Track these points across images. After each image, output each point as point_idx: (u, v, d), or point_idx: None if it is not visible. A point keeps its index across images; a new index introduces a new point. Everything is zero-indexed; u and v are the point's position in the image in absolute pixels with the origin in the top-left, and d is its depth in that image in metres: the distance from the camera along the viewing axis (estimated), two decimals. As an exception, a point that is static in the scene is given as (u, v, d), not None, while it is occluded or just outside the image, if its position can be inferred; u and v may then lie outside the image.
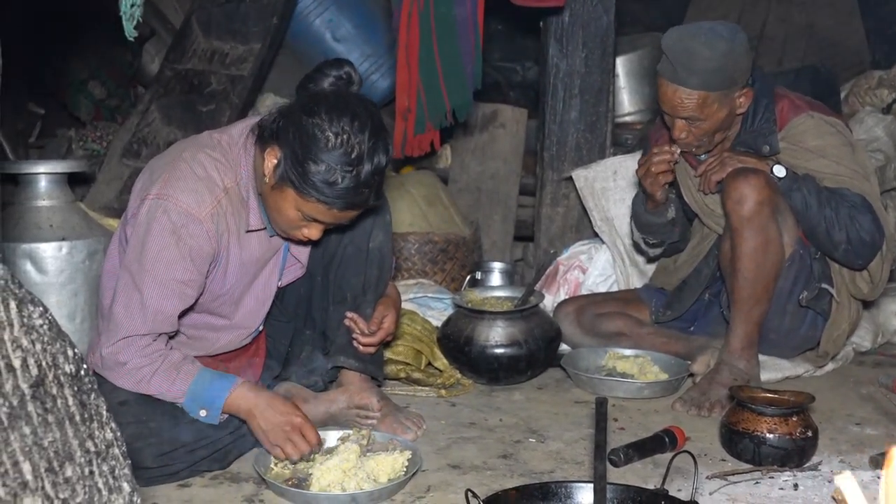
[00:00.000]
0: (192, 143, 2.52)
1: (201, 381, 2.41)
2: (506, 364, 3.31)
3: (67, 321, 3.18)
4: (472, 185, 5.03)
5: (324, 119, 2.28)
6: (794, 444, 2.58)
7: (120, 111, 6.07)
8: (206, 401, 2.41)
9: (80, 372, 1.20)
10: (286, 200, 2.36)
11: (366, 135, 2.29)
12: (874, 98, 5.30)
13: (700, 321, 3.57)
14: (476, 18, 4.00)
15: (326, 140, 2.27)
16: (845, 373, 3.54)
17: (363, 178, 2.29)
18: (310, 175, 2.28)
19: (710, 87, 3.06)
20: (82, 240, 3.24)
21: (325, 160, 2.26)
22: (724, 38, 3.04)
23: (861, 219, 3.12)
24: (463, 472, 2.54)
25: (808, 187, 3.11)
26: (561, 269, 4.08)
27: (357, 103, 2.35)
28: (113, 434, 1.23)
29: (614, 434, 2.84)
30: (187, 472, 2.45)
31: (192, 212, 2.37)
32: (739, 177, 3.07)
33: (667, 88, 3.11)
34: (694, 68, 3.03)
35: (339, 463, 2.33)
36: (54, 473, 1.10)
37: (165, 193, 2.38)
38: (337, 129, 2.27)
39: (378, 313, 2.80)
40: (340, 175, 2.27)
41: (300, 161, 2.28)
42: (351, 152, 2.27)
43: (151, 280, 2.37)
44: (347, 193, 2.30)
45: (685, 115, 3.12)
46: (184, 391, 2.40)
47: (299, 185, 2.30)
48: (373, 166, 2.30)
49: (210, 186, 2.41)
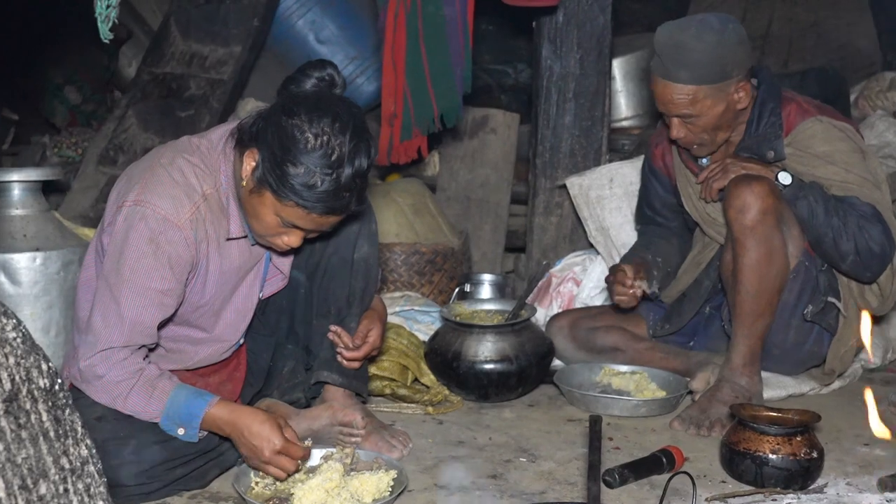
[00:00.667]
0: (171, 149, 2.55)
1: (177, 399, 2.42)
2: (496, 380, 3.33)
3: (42, 334, 3.20)
4: (462, 194, 5.05)
5: (304, 120, 2.31)
6: (798, 465, 2.59)
7: (96, 117, 6.10)
8: (183, 419, 2.42)
9: (55, 387, 1.22)
10: (264, 205, 2.38)
11: (347, 136, 2.31)
12: (885, 101, 5.32)
13: (700, 336, 3.58)
14: (465, 18, 4.03)
15: (306, 141, 2.29)
16: (853, 391, 3.54)
17: (343, 181, 2.31)
18: (288, 178, 2.30)
19: (700, 81, 3.09)
20: (57, 250, 3.26)
21: (305, 162, 2.29)
22: (713, 30, 3.07)
23: (870, 229, 3.12)
24: (450, 493, 2.56)
25: (815, 195, 3.12)
26: (554, 282, 4.09)
27: (339, 104, 2.37)
28: (88, 451, 1.26)
29: (609, 454, 2.86)
30: (165, 491, 2.47)
31: (171, 218, 2.40)
32: (742, 184, 3.08)
33: (657, 85, 3.16)
34: (683, 62, 3.07)
35: (322, 482, 2.35)
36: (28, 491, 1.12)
37: (143, 199, 2.40)
38: (317, 131, 2.30)
39: (363, 327, 2.82)
40: (320, 178, 2.29)
41: (279, 163, 2.31)
42: (331, 154, 2.29)
43: (129, 290, 2.39)
44: (327, 197, 2.32)
45: (679, 113, 3.16)
46: (160, 410, 2.41)
47: (277, 188, 2.32)
48: (354, 169, 2.32)
49: (189, 192, 2.44)
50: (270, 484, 2.47)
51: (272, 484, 2.47)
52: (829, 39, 6.36)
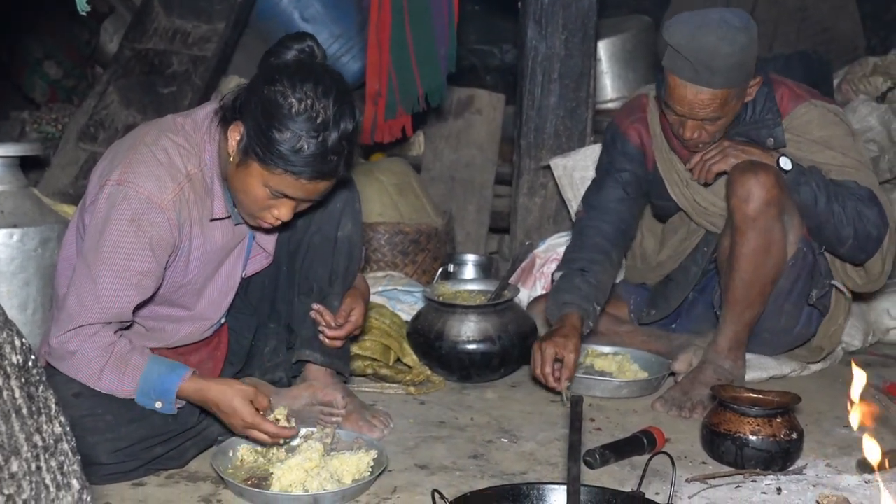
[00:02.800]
0: (155, 127, 2.52)
1: (150, 377, 2.40)
2: (478, 361, 3.33)
3: (18, 311, 3.17)
4: (446, 174, 5.04)
5: (286, 86, 2.30)
6: (778, 446, 2.61)
7: (76, 92, 6.05)
8: (159, 394, 2.41)
9: (28, 363, 1.20)
10: (252, 176, 2.36)
11: (330, 100, 2.30)
12: (868, 86, 5.33)
13: (683, 318, 3.58)
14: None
15: (290, 106, 2.28)
16: (834, 373, 3.57)
17: (331, 144, 2.30)
18: (275, 144, 2.28)
19: (732, 84, 3.00)
20: (35, 227, 3.23)
21: (290, 127, 2.27)
22: (739, 29, 2.95)
23: (868, 212, 3.12)
24: (431, 473, 2.56)
25: (817, 180, 3.10)
26: (538, 262, 4.09)
27: (320, 70, 2.37)
28: (62, 428, 1.24)
29: (590, 435, 2.86)
30: (143, 470, 2.46)
31: (154, 199, 2.38)
32: (748, 172, 3.03)
33: (686, 91, 3.01)
34: (716, 67, 2.95)
35: (302, 462, 2.35)
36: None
37: (126, 179, 2.38)
38: (300, 95, 2.28)
39: (346, 306, 2.81)
40: (306, 142, 2.28)
41: (264, 131, 2.29)
42: (316, 118, 2.28)
43: (108, 270, 2.37)
44: (315, 161, 2.30)
45: (706, 116, 3.06)
46: (134, 387, 2.40)
47: (264, 156, 2.31)
48: (340, 132, 2.31)
49: (173, 173, 2.42)
50: (259, 456, 2.51)
51: (258, 452, 2.51)
52: (813, 23, 6.37)
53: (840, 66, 5.71)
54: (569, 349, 3.05)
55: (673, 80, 3.03)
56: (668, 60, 3.02)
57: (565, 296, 3.22)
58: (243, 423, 2.40)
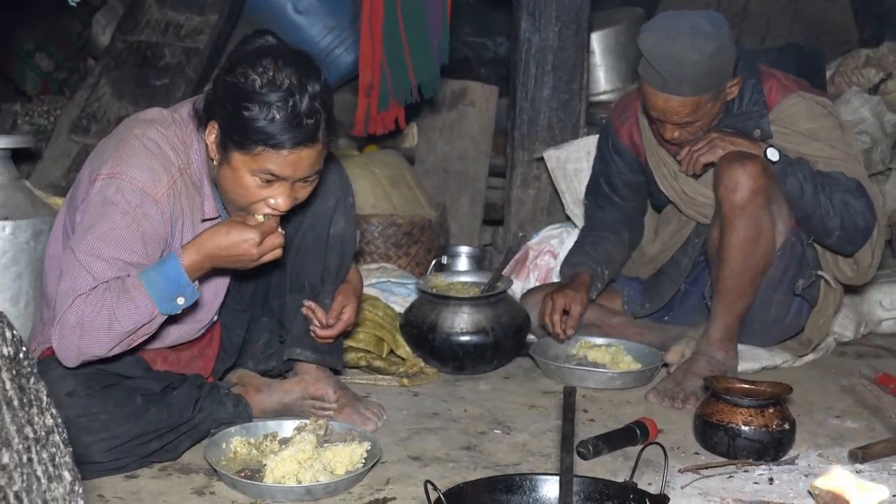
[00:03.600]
0: (142, 120, 2.49)
1: (154, 282, 2.28)
2: (471, 352, 3.33)
3: (10, 304, 3.16)
4: (440, 166, 5.03)
5: (245, 67, 2.29)
6: (770, 436, 2.61)
7: (68, 84, 6.03)
8: (174, 290, 2.30)
9: (19, 355, 1.20)
10: (236, 168, 2.33)
11: (291, 68, 2.29)
12: (861, 78, 5.34)
13: (676, 310, 3.58)
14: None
15: (252, 83, 2.27)
16: (826, 364, 3.58)
17: (302, 108, 2.27)
18: (248, 123, 2.26)
19: (703, 91, 3.03)
20: (27, 219, 3.22)
21: (257, 101, 2.26)
22: (709, 37, 2.96)
23: (855, 204, 3.13)
24: (424, 465, 2.56)
25: (804, 172, 3.11)
26: (531, 254, 4.09)
27: (276, 47, 2.36)
28: (54, 420, 1.24)
29: (584, 426, 2.87)
30: (137, 465, 2.45)
31: (148, 191, 2.34)
32: (735, 163, 3.04)
33: (657, 98, 3.07)
34: (684, 76, 2.98)
35: (295, 454, 2.34)
36: (-10, 460, 1.11)
37: (118, 171, 2.34)
38: (260, 69, 2.28)
39: (337, 303, 2.80)
40: (276, 111, 2.25)
41: (234, 116, 2.28)
42: (281, 85, 2.27)
43: (94, 258, 2.28)
44: (289, 127, 2.27)
45: (680, 122, 3.10)
46: (150, 301, 2.28)
47: (241, 140, 2.28)
48: (308, 94, 2.29)
49: (166, 164, 2.39)
50: (251, 449, 2.51)
51: (249, 451, 2.49)
52: (806, 15, 6.37)
53: (833, 58, 5.72)
54: (576, 302, 3.38)
55: (646, 87, 3.09)
56: (641, 68, 3.07)
57: (576, 258, 3.57)
58: (254, 242, 2.31)
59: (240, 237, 2.31)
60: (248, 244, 2.31)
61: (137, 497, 2.33)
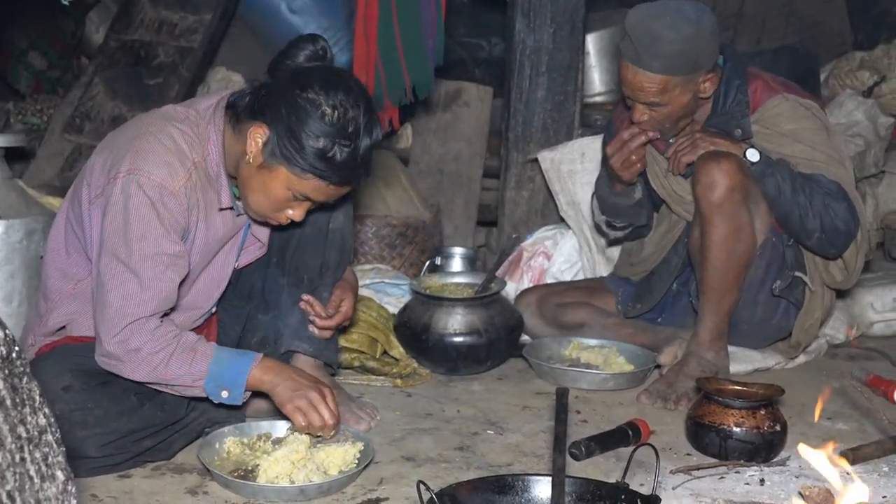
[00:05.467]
0: (157, 117, 2.52)
1: (219, 361, 2.40)
2: (465, 353, 3.34)
3: (4, 304, 3.16)
4: (434, 167, 5.03)
5: (319, 93, 2.33)
6: (761, 438, 2.63)
7: (62, 83, 6.03)
8: (228, 380, 2.41)
9: (12, 354, 1.20)
10: (277, 179, 2.38)
11: (361, 109, 2.35)
12: (855, 80, 5.35)
13: (668, 311, 3.59)
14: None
15: (323, 114, 2.31)
16: (818, 365, 3.59)
17: (361, 152, 2.36)
18: (306, 150, 2.32)
19: (672, 72, 3.08)
20: (20, 219, 3.22)
21: (326, 134, 2.31)
22: (689, 21, 3.04)
23: (835, 206, 3.14)
24: (417, 465, 2.57)
25: (782, 173, 3.14)
26: (525, 256, 4.10)
27: (349, 78, 2.42)
28: (46, 420, 1.24)
29: (576, 427, 2.88)
30: (131, 463, 2.46)
31: (167, 185, 2.38)
32: (711, 161, 3.08)
33: (627, 71, 3.13)
34: (657, 52, 3.05)
35: (288, 454, 2.35)
36: (-18, 460, 1.11)
37: (136, 168, 2.37)
38: (334, 103, 2.32)
39: (335, 297, 2.82)
40: (339, 150, 2.32)
41: (296, 136, 2.32)
42: (348, 126, 2.32)
43: (142, 258, 2.35)
44: (345, 168, 2.35)
45: (647, 100, 3.15)
46: (204, 372, 2.39)
47: (294, 161, 2.33)
48: (371, 141, 2.37)
49: (181, 159, 2.42)
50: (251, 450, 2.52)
51: (242, 452, 2.50)
52: (801, 18, 6.38)
53: (827, 60, 5.73)
54: None
55: (620, 61, 3.17)
56: (622, 43, 3.15)
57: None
58: (320, 390, 2.44)
59: (311, 396, 2.43)
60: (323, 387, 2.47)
61: (131, 497, 2.33)
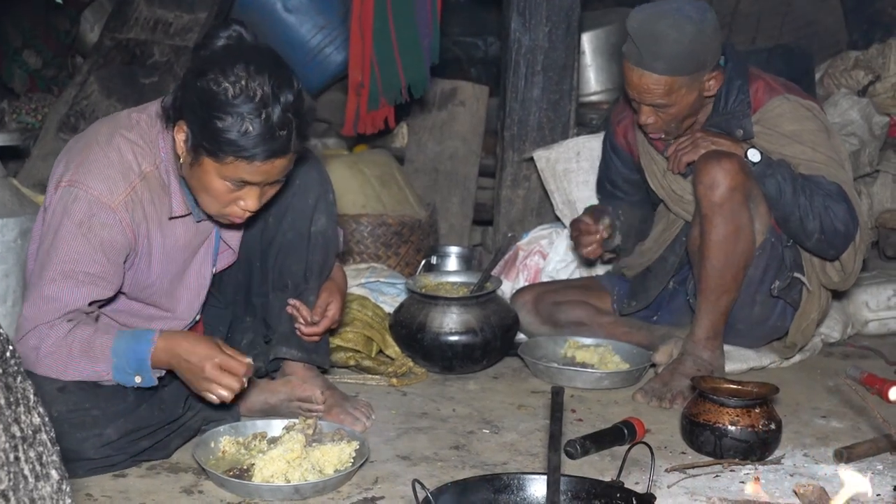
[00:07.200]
0: (110, 124, 2.49)
1: (119, 350, 2.36)
2: (460, 352, 3.33)
3: (-2, 303, 3.17)
4: (430, 166, 5.04)
5: (217, 73, 2.25)
6: (756, 436, 2.63)
7: (56, 82, 6.03)
8: (133, 366, 2.37)
9: (6, 353, 1.20)
10: (207, 172, 2.32)
11: (265, 75, 2.26)
12: (850, 80, 5.36)
13: (664, 310, 3.59)
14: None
15: (225, 92, 2.24)
16: (813, 364, 3.59)
17: (275, 119, 2.25)
18: (220, 133, 2.24)
19: (677, 72, 3.07)
20: (14, 217, 3.22)
21: (230, 112, 2.23)
22: (691, 20, 3.04)
23: (835, 208, 3.14)
24: (413, 464, 2.57)
25: (783, 174, 3.13)
26: (521, 255, 4.10)
27: (249, 49, 2.32)
28: (41, 419, 1.24)
29: (572, 425, 2.88)
30: (129, 463, 2.46)
31: (104, 200, 2.35)
32: (712, 160, 3.08)
33: (632, 73, 3.12)
34: (660, 53, 3.04)
35: (283, 453, 2.35)
36: (-24, 459, 1.11)
37: (76, 180, 2.36)
38: (233, 78, 2.24)
39: (322, 301, 2.80)
40: (250, 123, 2.23)
41: (206, 123, 2.25)
42: (254, 96, 2.24)
43: (58, 274, 2.34)
44: (263, 140, 2.25)
45: (653, 102, 3.14)
46: (108, 367, 2.36)
47: (212, 148, 2.27)
48: (282, 105, 2.26)
49: (125, 172, 2.39)
50: (240, 449, 2.50)
51: (238, 451, 2.49)
52: (796, 17, 6.39)
53: (822, 59, 5.73)
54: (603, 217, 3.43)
55: (624, 63, 3.15)
56: (625, 45, 3.14)
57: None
58: (213, 362, 2.35)
59: (204, 351, 2.36)
60: (207, 361, 2.35)
61: (126, 496, 2.33)
